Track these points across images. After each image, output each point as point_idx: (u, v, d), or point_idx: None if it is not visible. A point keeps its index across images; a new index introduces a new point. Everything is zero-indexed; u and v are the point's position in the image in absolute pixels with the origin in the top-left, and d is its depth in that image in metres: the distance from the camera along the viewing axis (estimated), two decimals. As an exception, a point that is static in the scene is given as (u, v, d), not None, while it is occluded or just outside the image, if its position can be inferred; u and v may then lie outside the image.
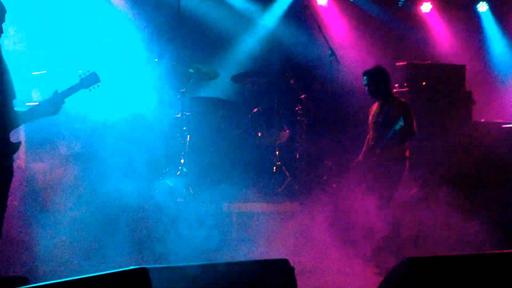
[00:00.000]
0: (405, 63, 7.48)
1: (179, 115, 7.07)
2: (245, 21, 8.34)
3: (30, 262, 4.25)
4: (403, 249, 5.30)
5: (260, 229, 5.41)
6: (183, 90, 7.12)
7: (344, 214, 5.71)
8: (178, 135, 7.03)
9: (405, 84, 7.34)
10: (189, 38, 7.69)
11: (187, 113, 7.20)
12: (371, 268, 5.23)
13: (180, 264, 2.82)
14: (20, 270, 4.07)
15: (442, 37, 9.18)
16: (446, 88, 7.40)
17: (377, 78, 5.89)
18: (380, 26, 8.84)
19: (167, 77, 7.13)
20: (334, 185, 6.65)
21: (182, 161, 6.79)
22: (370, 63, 7.72)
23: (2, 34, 3.88)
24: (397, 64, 7.55)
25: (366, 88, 5.94)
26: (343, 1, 8.82)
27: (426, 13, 9.18)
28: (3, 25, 3.87)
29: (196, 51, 7.78)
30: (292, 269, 3.45)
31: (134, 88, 6.44)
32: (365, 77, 5.97)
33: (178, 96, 7.09)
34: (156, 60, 6.99)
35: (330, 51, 7.06)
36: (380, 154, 5.72)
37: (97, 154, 5.71)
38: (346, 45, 8.50)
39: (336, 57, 6.92)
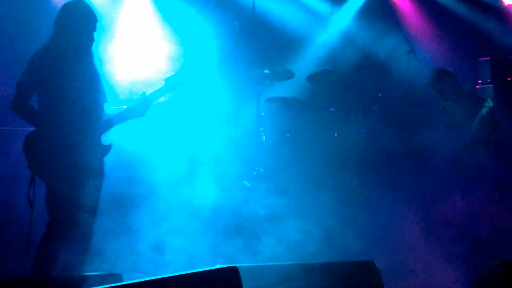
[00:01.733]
0: (488, 58, 7.20)
1: (255, 116, 7.13)
2: (320, 20, 8.28)
3: (124, 259, 4.41)
4: (498, 250, 5.05)
5: (345, 228, 5.31)
6: (259, 91, 7.17)
7: (436, 212, 5.52)
8: (254, 135, 7.09)
9: (489, 80, 7.07)
10: (264, 39, 7.73)
11: (262, 114, 7.25)
12: (465, 269, 4.96)
13: (269, 263, 2.85)
14: (115, 267, 4.23)
15: (528, 30, 8.73)
16: (534, 83, 7.07)
17: (440, 84, 5.82)
18: (461, 20, 8.50)
19: (243, 78, 7.21)
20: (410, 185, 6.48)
21: (258, 162, 6.84)
22: (450, 59, 7.48)
23: (94, 43, 4.09)
24: (480, 59, 7.28)
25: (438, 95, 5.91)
26: (420, -5, 8.58)
27: (509, 5, 8.77)
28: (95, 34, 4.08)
29: (271, 52, 7.80)
30: (378, 270, 3.40)
31: (211, 91, 6.55)
32: (429, 88, 5.91)
33: (254, 97, 7.15)
34: (232, 62, 7.07)
35: (408, 48, 6.90)
36: (463, 148, 5.58)
37: (176, 157, 5.85)
38: (425, 41, 8.25)
39: (415, 54, 6.76)
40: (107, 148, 4.11)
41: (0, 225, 5.08)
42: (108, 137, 4.13)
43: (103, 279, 3.07)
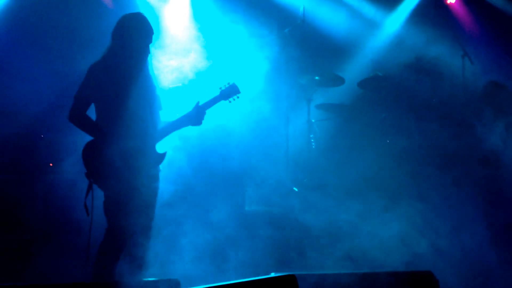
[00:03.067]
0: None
1: (305, 123, 7.12)
2: (370, 25, 8.20)
3: (181, 265, 4.47)
4: None
5: (406, 236, 5.17)
6: (309, 97, 7.17)
7: (501, 218, 5.31)
8: (304, 142, 7.08)
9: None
10: (314, 45, 7.71)
11: (313, 120, 7.24)
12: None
13: (327, 272, 2.83)
14: (171, 273, 4.29)
15: None
16: None
17: (494, 98, 5.67)
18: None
19: (294, 85, 7.21)
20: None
21: (308, 168, 6.82)
22: (505, 64, 7.26)
23: (149, 54, 4.18)
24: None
25: None
26: (474, -2, 8.38)
27: None
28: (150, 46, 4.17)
29: (321, 58, 7.78)
30: (437, 281, 3.33)
31: (261, 98, 6.57)
32: (483, 100, 5.78)
33: (304, 104, 7.15)
34: (283, 69, 7.09)
35: (462, 52, 6.75)
36: None
37: (226, 163, 5.88)
38: (478, 44, 8.03)
39: (470, 58, 6.60)
40: (162, 156, 4.18)
41: (62, 232, 5.24)
42: (163, 145, 4.21)
43: (161, 285, 3.12)
